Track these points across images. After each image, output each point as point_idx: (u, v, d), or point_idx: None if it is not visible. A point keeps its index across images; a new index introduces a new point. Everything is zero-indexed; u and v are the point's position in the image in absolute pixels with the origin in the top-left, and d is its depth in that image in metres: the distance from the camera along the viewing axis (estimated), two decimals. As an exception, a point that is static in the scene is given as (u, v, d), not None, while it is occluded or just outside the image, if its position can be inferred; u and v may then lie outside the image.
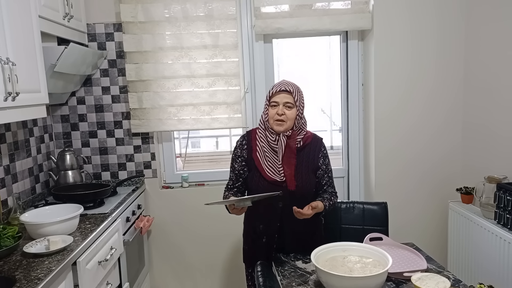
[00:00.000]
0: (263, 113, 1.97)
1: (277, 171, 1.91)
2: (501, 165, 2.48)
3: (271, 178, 1.90)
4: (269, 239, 1.99)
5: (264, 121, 1.95)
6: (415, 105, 2.87)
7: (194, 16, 2.73)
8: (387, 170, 2.91)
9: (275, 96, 1.91)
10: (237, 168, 1.99)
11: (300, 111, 1.94)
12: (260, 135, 1.96)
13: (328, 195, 1.99)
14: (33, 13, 1.90)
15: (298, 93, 1.94)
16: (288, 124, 1.90)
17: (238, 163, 1.99)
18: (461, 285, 1.65)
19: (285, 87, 1.90)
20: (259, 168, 1.93)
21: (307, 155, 1.98)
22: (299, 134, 1.96)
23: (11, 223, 2.05)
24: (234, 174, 2.01)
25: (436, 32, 2.80)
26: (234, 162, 2.01)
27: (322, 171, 2.01)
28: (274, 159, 1.92)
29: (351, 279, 1.46)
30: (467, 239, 2.58)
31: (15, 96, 1.70)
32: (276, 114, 1.88)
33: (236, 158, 2.00)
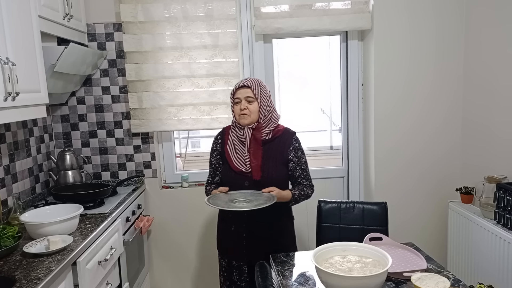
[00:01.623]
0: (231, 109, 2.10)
1: (243, 162, 2.02)
2: (501, 165, 2.48)
3: (238, 169, 2.02)
4: (237, 227, 2.07)
5: (234, 117, 2.07)
6: (415, 105, 2.87)
7: (194, 16, 2.74)
8: (387, 170, 2.91)
9: (237, 92, 2.03)
10: (214, 162, 2.14)
11: (262, 104, 2.02)
12: (232, 129, 2.10)
13: (301, 186, 2.09)
14: (33, 13, 1.90)
15: (259, 87, 2.03)
16: (252, 117, 2.01)
17: (214, 157, 2.14)
18: (461, 285, 1.65)
19: (244, 83, 2.02)
20: (228, 160, 2.05)
21: (276, 147, 2.06)
22: (267, 127, 2.05)
23: (11, 223, 2.05)
24: (212, 168, 2.16)
25: (435, 32, 2.80)
26: (211, 156, 2.15)
27: (294, 164, 2.08)
28: (242, 151, 2.03)
29: (350, 279, 1.46)
30: (466, 239, 2.58)
31: (15, 96, 1.70)
32: (239, 109, 2.00)
33: (212, 153, 2.15)
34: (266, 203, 1.86)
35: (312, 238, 2.98)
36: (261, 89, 2.03)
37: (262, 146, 2.04)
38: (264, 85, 2.06)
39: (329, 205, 2.35)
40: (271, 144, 2.06)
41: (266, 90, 2.06)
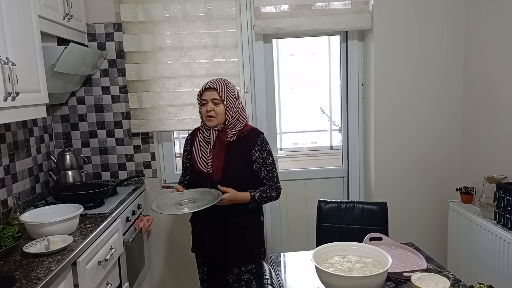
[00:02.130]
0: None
1: (205, 163, 2.03)
2: (501, 165, 2.48)
3: (200, 170, 2.04)
4: (202, 227, 2.11)
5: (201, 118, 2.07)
6: (415, 105, 2.87)
7: (194, 16, 2.74)
8: (386, 170, 2.91)
9: (203, 94, 2.02)
10: (185, 162, 2.17)
11: (229, 106, 2.00)
12: (200, 130, 2.11)
13: (264, 188, 2.06)
14: (33, 13, 1.90)
15: (225, 89, 2.00)
16: (219, 119, 2.00)
17: (185, 157, 2.17)
18: (461, 285, 1.65)
19: (210, 85, 2.00)
20: (193, 160, 2.08)
21: (241, 148, 2.04)
22: (234, 128, 2.04)
23: (11, 223, 2.04)
24: (183, 168, 2.18)
25: (435, 32, 2.80)
26: (183, 156, 2.19)
27: (259, 165, 2.05)
28: (206, 152, 2.05)
29: (350, 279, 1.46)
30: (466, 239, 2.58)
31: (15, 96, 1.70)
32: (206, 110, 2.00)
33: (183, 153, 2.18)
34: (209, 203, 1.86)
35: (312, 238, 2.98)
36: (228, 91, 2.01)
37: (227, 147, 2.03)
38: (231, 86, 2.04)
39: (329, 205, 2.35)
40: (236, 145, 2.04)
41: (233, 91, 2.04)
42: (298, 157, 3.31)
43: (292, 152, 3.27)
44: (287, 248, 3.13)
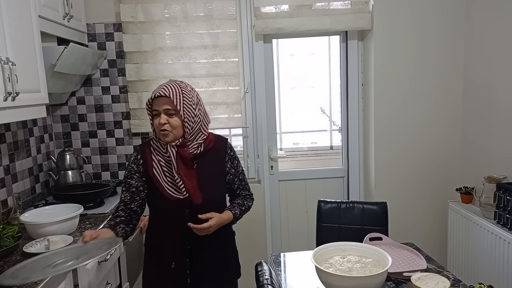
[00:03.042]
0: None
1: (177, 187, 1.63)
2: (501, 165, 2.48)
3: (174, 197, 1.62)
4: (178, 264, 1.68)
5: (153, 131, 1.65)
6: (415, 105, 2.87)
7: (194, 16, 2.74)
8: (386, 170, 2.91)
9: (154, 103, 1.60)
10: (135, 184, 1.65)
11: (187, 116, 1.60)
12: (154, 147, 1.68)
13: (240, 200, 1.79)
14: (33, 13, 1.90)
15: (181, 96, 1.59)
16: (176, 133, 1.60)
17: (136, 179, 1.65)
18: (461, 285, 1.65)
19: (160, 92, 1.57)
20: (159, 187, 1.64)
21: (211, 161, 1.71)
22: (196, 140, 1.66)
23: (11, 223, 2.04)
24: (130, 193, 1.66)
25: (435, 32, 2.80)
26: (130, 179, 1.66)
27: (232, 176, 1.76)
28: (172, 174, 1.63)
29: (350, 279, 1.46)
30: (466, 239, 2.58)
31: (15, 96, 1.70)
32: (159, 123, 1.58)
33: (133, 174, 1.66)
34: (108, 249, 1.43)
35: (312, 238, 2.98)
36: (184, 98, 1.60)
37: (194, 163, 1.67)
38: (188, 91, 1.63)
39: (329, 205, 2.35)
40: (205, 157, 1.69)
41: (190, 96, 1.62)
42: (298, 157, 3.31)
43: (292, 152, 3.27)
44: (287, 248, 3.13)
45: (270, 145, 3.06)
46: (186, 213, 1.63)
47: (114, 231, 1.60)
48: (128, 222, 1.66)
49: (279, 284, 1.73)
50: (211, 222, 1.59)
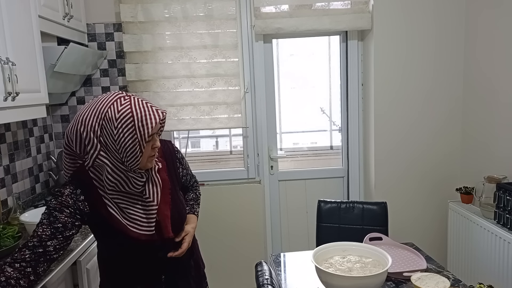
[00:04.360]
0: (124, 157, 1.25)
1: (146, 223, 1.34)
2: (501, 165, 2.48)
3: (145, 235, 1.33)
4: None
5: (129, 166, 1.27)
6: (415, 105, 2.87)
7: (194, 16, 2.74)
8: (386, 170, 2.91)
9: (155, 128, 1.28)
10: (63, 220, 1.25)
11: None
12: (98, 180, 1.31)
13: (193, 194, 1.66)
14: (33, 13, 1.91)
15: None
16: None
17: (67, 214, 1.26)
18: (461, 285, 1.65)
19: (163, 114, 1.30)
20: (120, 228, 1.31)
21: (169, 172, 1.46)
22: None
23: (11, 223, 2.05)
24: (52, 228, 1.24)
25: (435, 32, 2.80)
26: (59, 212, 1.26)
27: (185, 176, 1.58)
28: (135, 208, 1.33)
29: (350, 279, 1.46)
30: (466, 239, 2.58)
31: (15, 96, 1.70)
32: (152, 148, 1.31)
33: (64, 208, 1.26)
34: None
35: (312, 238, 2.98)
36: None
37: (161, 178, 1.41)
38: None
39: (329, 205, 2.35)
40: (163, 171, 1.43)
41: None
42: (298, 157, 3.31)
43: (292, 152, 3.27)
44: (287, 248, 3.13)
45: (270, 145, 3.06)
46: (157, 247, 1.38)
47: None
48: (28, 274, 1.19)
49: (279, 284, 1.73)
50: (189, 239, 1.45)
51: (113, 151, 1.25)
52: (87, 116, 1.24)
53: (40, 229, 1.24)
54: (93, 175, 1.30)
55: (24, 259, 1.19)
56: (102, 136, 1.24)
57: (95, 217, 1.31)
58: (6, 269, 1.16)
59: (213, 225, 2.97)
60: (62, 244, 1.27)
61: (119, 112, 1.23)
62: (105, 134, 1.24)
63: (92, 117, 1.24)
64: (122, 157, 1.25)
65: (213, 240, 2.99)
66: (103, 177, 1.28)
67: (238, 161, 3.12)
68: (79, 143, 1.26)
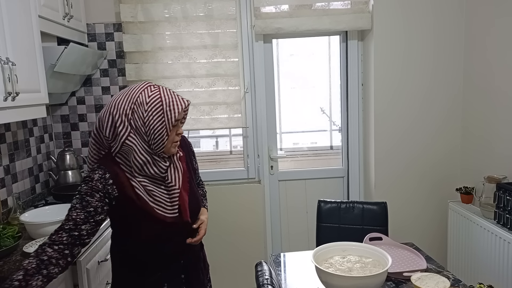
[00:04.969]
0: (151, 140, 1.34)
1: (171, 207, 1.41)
2: (501, 165, 2.48)
3: (170, 218, 1.40)
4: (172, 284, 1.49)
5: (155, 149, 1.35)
6: (415, 105, 2.87)
7: (194, 16, 2.74)
8: (386, 170, 2.91)
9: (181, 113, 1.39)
10: (94, 204, 1.30)
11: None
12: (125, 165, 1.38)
13: (200, 191, 1.69)
14: (33, 13, 1.90)
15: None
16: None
17: (98, 199, 1.31)
18: (461, 285, 1.65)
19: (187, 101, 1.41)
20: (146, 210, 1.37)
21: (187, 162, 1.53)
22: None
23: (11, 223, 2.05)
24: (85, 212, 1.29)
25: (435, 32, 2.80)
26: (90, 196, 1.31)
27: (196, 168, 1.64)
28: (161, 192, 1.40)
29: (350, 279, 1.46)
30: (466, 239, 2.58)
31: (15, 96, 1.70)
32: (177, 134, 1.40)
33: (95, 192, 1.31)
34: None
35: (312, 238, 2.98)
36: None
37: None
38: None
39: (329, 205, 2.35)
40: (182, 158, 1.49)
41: None
42: (298, 157, 3.31)
43: (292, 152, 3.27)
44: (287, 248, 3.13)
45: (270, 145, 3.06)
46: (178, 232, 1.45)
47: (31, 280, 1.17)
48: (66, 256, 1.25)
49: (279, 284, 1.73)
50: (204, 227, 1.53)
51: (142, 134, 1.33)
52: (120, 101, 1.34)
53: (74, 213, 1.30)
54: (120, 160, 1.37)
55: (62, 241, 1.25)
56: (133, 119, 1.32)
57: (123, 200, 1.36)
58: (47, 250, 1.23)
59: (213, 225, 2.96)
60: (94, 229, 1.33)
61: (149, 97, 1.34)
62: (135, 117, 1.32)
63: (125, 102, 1.33)
64: (149, 139, 1.33)
65: (213, 240, 2.99)
66: (130, 160, 1.35)
67: (238, 161, 3.12)
68: (110, 126, 1.33)
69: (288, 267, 1.98)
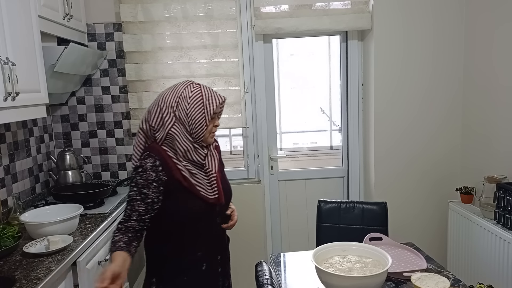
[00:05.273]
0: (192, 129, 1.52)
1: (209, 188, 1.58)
2: (501, 165, 2.48)
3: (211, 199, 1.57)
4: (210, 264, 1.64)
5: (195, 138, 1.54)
6: (415, 105, 2.87)
7: (194, 16, 2.74)
8: (386, 170, 2.91)
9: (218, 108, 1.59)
10: (151, 195, 1.48)
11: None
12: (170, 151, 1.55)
13: None
14: (33, 13, 1.90)
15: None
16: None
17: (153, 189, 1.49)
18: (461, 285, 1.65)
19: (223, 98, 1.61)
20: (192, 190, 1.54)
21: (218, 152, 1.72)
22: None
23: (11, 223, 2.05)
24: (145, 204, 1.48)
25: (435, 32, 2.80)
26: (147, 188, 1.48)
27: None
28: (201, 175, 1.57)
29: (350, 279, 1.46)
30: (466, 239, 2.58)
31: (15, 96, 1.70)
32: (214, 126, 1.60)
33: (150, 184, 1.48)
34: None
35: (312, 238, 2.98)
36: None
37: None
38: None
39: (329, 205, 2.35)
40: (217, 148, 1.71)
41: None
42: (298, 157, 3.31)
43: (292, 152, 3.27)
44: (287, 248, 3.13)
45: (270, 145, 3.06)
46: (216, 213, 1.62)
47: (130, 252, 1.42)
48: (139, 237, 1.49)
49: (279, 284, 1.73)
50: (236, 214, 1.71)
51: (185, 124, 1.52)
52: (167, 95, 1.54)
53: (136, 205, 1.48)
54: (166, 147, 1.54)
55: (134, 228, 1.46)
56: (177, 111, 1.52)
57: (171, 183, 1.52)
58: (129, 231, 1.45)
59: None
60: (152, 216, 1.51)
61: (191, 92, 1.53)
62: (180, 109, 1.52)
63: (171, 96, 1.53)
64: (191, 129, 1.52)
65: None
66: (175, 147, 1.53)
67: (238, 161, 3.12)
68: (157, 117, 1.53)
69: (288, 267, 1.98)
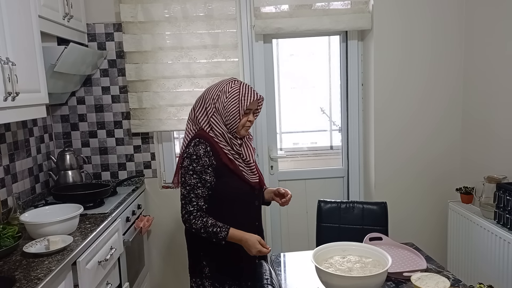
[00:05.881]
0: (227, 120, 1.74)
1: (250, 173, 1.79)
2: (501, 165, 2.48)
3: (252, 181, 1.79)
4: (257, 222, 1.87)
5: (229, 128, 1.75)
6: (415, 105, 2.87)
7: (194, 16, 2.74)
8: (386, 170, 2.91)
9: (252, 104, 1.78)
10: (209, 180, 1.71)
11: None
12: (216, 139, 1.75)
13: None
14: (33, 13, 1.90)
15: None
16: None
17: (209, 174, 1.71)
18: (461, 285, 1.65)
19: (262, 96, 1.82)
20: (237, 173, 1.75)
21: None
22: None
23: (11, 223, 2.04)
24: (206, 188, 1.70)
25: (435, 32, 2.80)
26: (205, 174, 1.70)
27: None
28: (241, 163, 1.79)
29: (350, 279, 1.46)
30: (466, 239, 2.58)
31: (15, 96, 1.70)
32: (247, 120, 1.77)
33: (206, 169, 1.70)
34: None
35: (312, 238, 2.98)
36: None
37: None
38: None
39: (329, 205, 2.35)
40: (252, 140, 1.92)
41: None
42: (298, 157, 3.31)
43: (292, 152, 3.27)
44: (287, 248, 3.13)
45: (270, 145, 3.06)
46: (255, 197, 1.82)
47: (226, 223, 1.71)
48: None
49: (279, 284, 1.73)
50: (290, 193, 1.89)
51: (222, 115, 1.74)
52: (211, 89, 1.78)
53: (199, 191, 1.70)
54: (213, 134, 1.74)
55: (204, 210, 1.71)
56: (217, 103, 1.74)
57: (219, 166, 1.72)
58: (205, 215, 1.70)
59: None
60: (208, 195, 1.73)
61: (231, 88, 1.75)
62: (219, 102, 1.74)
63: (214, 90, 1.77)
64: (226, 120, 1.74)
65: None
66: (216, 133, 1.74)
67: (238, 161, 3.12)
68: (202, 106, 1.77)
69: (288, 267, 1.98)
